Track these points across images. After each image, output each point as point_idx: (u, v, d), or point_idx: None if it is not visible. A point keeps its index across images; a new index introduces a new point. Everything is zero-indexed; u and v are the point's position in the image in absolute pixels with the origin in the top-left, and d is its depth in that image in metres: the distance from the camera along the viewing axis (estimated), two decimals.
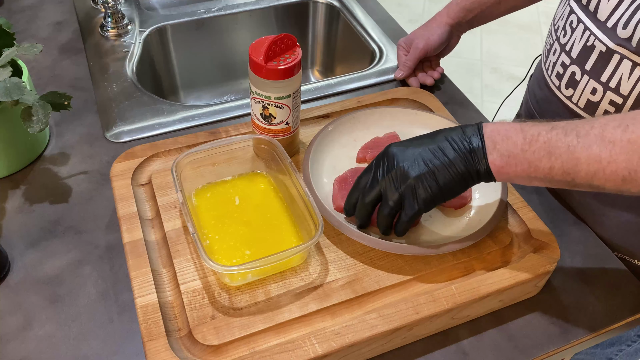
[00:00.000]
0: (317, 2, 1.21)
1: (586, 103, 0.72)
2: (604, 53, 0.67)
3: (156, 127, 0.87)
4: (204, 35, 1.16)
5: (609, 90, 0.68)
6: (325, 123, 0.82)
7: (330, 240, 0.68)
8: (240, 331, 0.59)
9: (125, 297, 0.66)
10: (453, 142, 0.58)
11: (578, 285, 0.70)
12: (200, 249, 0.58)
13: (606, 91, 0.69)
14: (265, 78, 0.69)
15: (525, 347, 0.63)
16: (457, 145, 0.58)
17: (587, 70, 0.70)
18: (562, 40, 0.75)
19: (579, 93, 0.73)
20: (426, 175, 0.58)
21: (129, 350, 0.61)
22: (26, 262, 0.69)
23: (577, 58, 0.72)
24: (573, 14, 0.72)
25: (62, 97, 0.75)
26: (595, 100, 0.70)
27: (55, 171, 0.80)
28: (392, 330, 0.59)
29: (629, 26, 0.63)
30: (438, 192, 0.59)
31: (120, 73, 0.98)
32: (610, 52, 0.67)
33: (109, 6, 1.04)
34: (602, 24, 0.67)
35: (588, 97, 0.71)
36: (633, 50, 0.64)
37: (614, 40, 0.66)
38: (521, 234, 0.69)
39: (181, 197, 0.63)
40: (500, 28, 2.72)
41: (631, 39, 0.63)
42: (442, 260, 0.66)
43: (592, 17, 0.69)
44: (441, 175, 0.58)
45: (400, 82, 0.98)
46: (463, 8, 0.92)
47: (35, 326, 0.63)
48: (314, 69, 1.31)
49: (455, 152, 0.58)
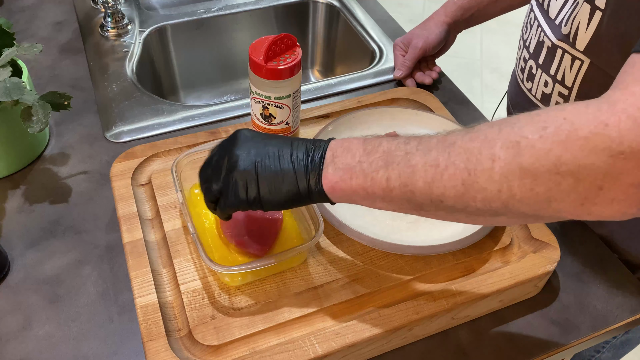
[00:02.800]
0: (317, 2, 1.21)
1: (542, 95, 0.76)
2: (550, 48, 0.71)
3: (156, 127, 0.87)
4: (204, 35, 1.16)
5: (557, 82, 0.72)
6: (325, 123, 0.82)
7: (330, 240, 0.68)
8: (240, 331, 0.59)
9: (125, 297, 0.66)
10: (295, 151, 0.52)
11: (578, 285, 0.70)
12: (201, 249, 0.58)
13: (555, 83, 0.73)
14: (265, 78, 0.69)
15: (525, 347, 0.63)
16: (296, 155, 0.51)
17: (540, 64, 0.75)
18: (524, 37, 0.79)
19: (536, 86, 0.77)
20: (250, 175, 0.51)
21: (129, 350, 0.61)
22: (26, 262, 0.69)
23: (533, 53, 0.76)
24: (532, 12, 0.77)
25: (62, 97, 0.75)
26: (548, 93, 0.75)
27: (55, 171, 0.80)
28: (392, 330, 0.59)
29: (569, 23, 0.67)
30: (254, 198, 0.52)
31: (120, 73, 0.98)
32: (554, 46, 0.70)
33: (109, 6, 1.04)
34: (551, 20, 0.71)
35: (542, 89, 0.75)
36: (571, 45, 0.67)
37: (557, 35, 0.69)
38: (521, 234, 0.69)
39: (181, 197, 0.63)
40: (500, 28, 2.72)
41: (569, 35, 0.67)
42: (442, 260, 0.66)
43: (544, 15, 0.73)
44: (265, 182, 0.51)
45: (400, 82, 0.98)
46: (460, 7, 0.93)
47: (35, 326, 0.63)
48: (314, 69, 1.31)
49: (291, 163, 0.51)
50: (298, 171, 0.51)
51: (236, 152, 0.53)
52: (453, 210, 0.46)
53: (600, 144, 0.39)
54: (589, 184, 0.40)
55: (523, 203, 0.42)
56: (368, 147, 0.49)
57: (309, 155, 0.51)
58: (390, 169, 0.47)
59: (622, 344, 0.85)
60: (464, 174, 0.44)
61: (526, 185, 0.41)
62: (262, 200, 0.52)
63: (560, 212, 0.42)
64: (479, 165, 0.43)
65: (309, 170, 0.50)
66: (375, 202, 0.50)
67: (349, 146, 0.50)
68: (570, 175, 0.40)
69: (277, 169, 0.51)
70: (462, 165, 0.44)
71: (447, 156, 0.44)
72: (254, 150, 0.52)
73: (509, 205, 0.43)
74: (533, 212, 0.43)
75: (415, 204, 0.47)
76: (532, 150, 0.41)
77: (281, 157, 0.52)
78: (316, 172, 0.50)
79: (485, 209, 0.44)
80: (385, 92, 0.89)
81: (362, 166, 0.48)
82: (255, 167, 0.51)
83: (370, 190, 0.48)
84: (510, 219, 0.46)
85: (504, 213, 0.44)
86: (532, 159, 0.41)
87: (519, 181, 0.42)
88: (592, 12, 0.63)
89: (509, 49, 2.64)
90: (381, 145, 0.49)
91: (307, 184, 0.51)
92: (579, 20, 0.65)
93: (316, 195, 0.51)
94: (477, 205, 0.44)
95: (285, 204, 0.52)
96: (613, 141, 0.38)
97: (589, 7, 0.63)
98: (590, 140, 0.39)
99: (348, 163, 0.49)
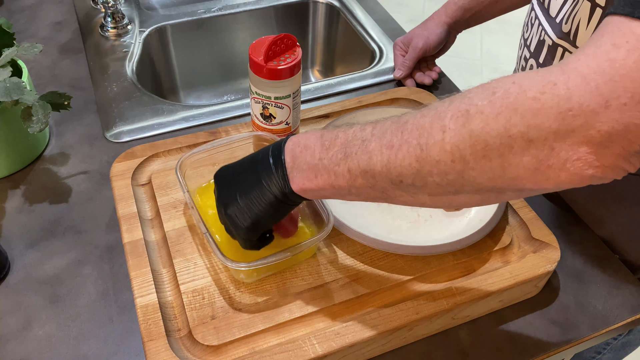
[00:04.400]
0: (317, 2, 1.21)
1: None
2: (551, 47, 0.71)
3: (156, 127, 0.87)
4: (204, 35, 1.16)
5: None
6: (325, 123, 0.82)
7: (330, 240, 0.68)
8: (240, 331, 0.59)
9: (125, 297, 0.66)
10: (261, 166, 0.53)
11: (578, 285, 0.70)
12: (215, 248, 0.58)
13: None
14: (265, 78, 0.69)
15: (525, 347, 0.63)
16: (262, 169, 0.53)
17: (540, 63, 0.74)
18: (525, 36, 0.79)
19: None
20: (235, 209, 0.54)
21: (129, 350, 0.61)
22: (26, 262, 0.69)
23: (534, 52, 0.75)
24: (533, 11, 0.76)
25: (62, 97, 0.75)
26: None
27: (55, 171, 0.80)
28: (392, 330, 0.59)
29: (569, 20, 0.66)
30: (252, 223, 0.54)
31: (120, 73, 0.98)
32: (555, 45, 0.70)
33: (109, 6, 1.04)
34: (552, 19, 0.70)
35: None
36: (572, 43, 0.67)
37: (558, 34, 0.69)
38: (521, 234, 0.69)
39: (189, 198, 0.63)
40: (500, 28, 2.72)
41: (570, 33, 0.67)
42: (442, 260, 0.66)
43: (545, 13, 0.72)
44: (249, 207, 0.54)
45: (400, 82, 0.98)
46: (461, 7, 0.93)
47: (35, 326, 0.63)
48: (314, 69, 1.31)
49: (261, 181, 0.52)
50: (270, 186, 0.52)
51: (218, 194, 0.57)
52: (415, 190, 0.46)
53: (548, 102, 0.38)
54: (540, 144, 0.39)
55: (477, 172, 0.42)
56: (326, 142, 0.49)
57: (271, 166, 0.52)
58: (350, 159, 0.47)
59: (623, 346, 0.85)
60: (417, 150, 0.43)
61: (478, 152, 0.41)
62: (257, 225, 0.55)
63: (517, 181, 0.42)
64: (430, 139, 0.43)
65: (278, 180, 0.52)
66: (344, 195, 0.50)
67: (306, 144, 0.51)
68: (520, 137, 0.39)
69: (253, 192, 0.53)
70: (415, 141, 0.44)
71: (400, 135, 0.45)
72: (231, 186, 0.55)
73: (464, 175, 0.43)
74: (490, 182, 0.42)
75: (379, 189, 0.47)
76: (481, 116, 0.41)
77: (252, 178, 0.53)
78: (284, 178, 0.51)
79: (444, 184, 0.44)
80: (385, 92, 0.89)
81: (323, 163, 0.49)
82: (237, 201, 0.54)
83: (336, 185, 0.49)
84: (472, 197, 0.45)
85: (463, 188, 0.44)
86: (482, 124, 0.40)
87: (470, 149, 0.41)
88: (593, 10, 0.63)
89: (509, 48, 2.64)
90: (338, 137, 0.49)
91: (281, 192, 0.52)
92: (580, 18, 0.65)
93: (295, 198, 0.52)
94: (434, 179, 0.44)
95: (277, 216, 0.55)
96: (561, 98, 0.38)
97: (589, 5, 0.63)
98: (538, 99, 0.38)
99: (309, 162, 0.50)
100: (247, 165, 0.55)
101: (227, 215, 0.55)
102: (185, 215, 0.69)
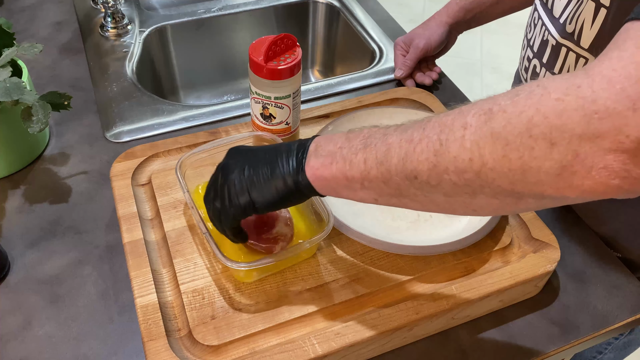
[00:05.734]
0: (317, 2, 1.21)
1: None
2: (554, 46, 0.71)
3: (156, 127, 0.87)
4: (204, 35, 1.16)
5: None
6: (325, 123, 0.82)
7: (330, 240, 0.68)
8: (240, 331, 0.59)
9: (125, 297, 0.66)
10: (280, 150, 0.53)
11: (578, 285, 0.70)
12: (215, 248, 0.58)
13: None
14: (265, 78, 0.69)
15: (525, 347, 0.63)
16: (281, 153, 0.53)
17: (544, 63, 0.74)
18: (528, 36, 0.79)
19: None
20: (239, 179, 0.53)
21: (129, 350, 0.61)
22: (26, 262, 0.69)
23: (537, 52, 0.76)
24: (536, 11, 0.77)
25: (62, 97, 0.75)
26: None
27: (55, 171, 0.80)
28: (392, 330, 0.59)
29: (573, 20, 0.67)
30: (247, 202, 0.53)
31: (120, 73, 0.98)
32: (559, 45, 0.70)
33: (109, 6, 1.04)
34: (556, 19, 0.71)
35: None
36: (576, 43, 0.67)
37: (562, 34, 0.69)
38: (521, 234, 0.69)
39: (189, 198, 0.63)
40: (501, 28, 2.72)
41: (574, 33, 0.67)
42: (442, 260, 0.66)
43: (548, 13, 0.73)
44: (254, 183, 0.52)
45: (400, 82, 0.98)
46: (462, 8, 0.93)
47: (35, 326, 0.63)
48: (314, 69, 1.31)
49: (276, 161, 0.52)
50: (283, 166, 0.52)
51: (225, 163, 0.55)
52: (429, 188, 0.45)
53: (572, 103, 0.37)
54: (563, 148, 0.37)
55: (496, 173, 0.41)
56: (350, 135, 0.50)
57: (293, 150, 0.52)
58: (368, 150, 0.47)
59: (625, 345, 0.85)
60: (437, 145, 0.43)
61: (498, 151, 0.40)
62: (254, 202, 0.53)
63: (538, 187, 0.40)
64: (451, 135, 0.42)
65: (293, 163, 0.51)
66: (355, 190, 0.49)
67: (332, 137, 0.52)
68: (543, 139, 0.38)
69: (264, 167, 0.52)
70: (435, 136, 0.43)
71: (421, 131, 0.44)
72: (241, 158, 0.54)
73: (482, 175, 0.41)
74: (509, 186, 0.41)
75: (393, 185, 0.46)
76: (503, 114, 0.40)
77: (266, 157, 0.53)
78: (300, 163, 0.51)
79: (460, 184, 0.43)
80: (385, 92, 0.89)
81: (342, 152, 0.49)
82: (243, 171, 0.53)
83: (350, 175, 0.48)
84: (490, 201, 0.44)
85: (481, 189, 0.43)
86: (504, 122, 0.39)
87: (490, 147, 0.40)
88: (597, 10, 0.63)
89: (509, 49, 2.64)
90: (362, 132, 0.50)
91: (292, 177, 0.51)
92: (584, 18, 0.65)
93: (303, 188, 0.51)
94: (450, 177, 0.43)
95: (276, 202, 0.53)
96: (586, 100, 0.36)
97: (593, 5, 0.63)
98: (562, 100, 0.37)
99: (330, 150, 0.50)
100: (269, 147, 0.55)
101: (228, 181, 0.53)
102: (185, 215, 0.69)
